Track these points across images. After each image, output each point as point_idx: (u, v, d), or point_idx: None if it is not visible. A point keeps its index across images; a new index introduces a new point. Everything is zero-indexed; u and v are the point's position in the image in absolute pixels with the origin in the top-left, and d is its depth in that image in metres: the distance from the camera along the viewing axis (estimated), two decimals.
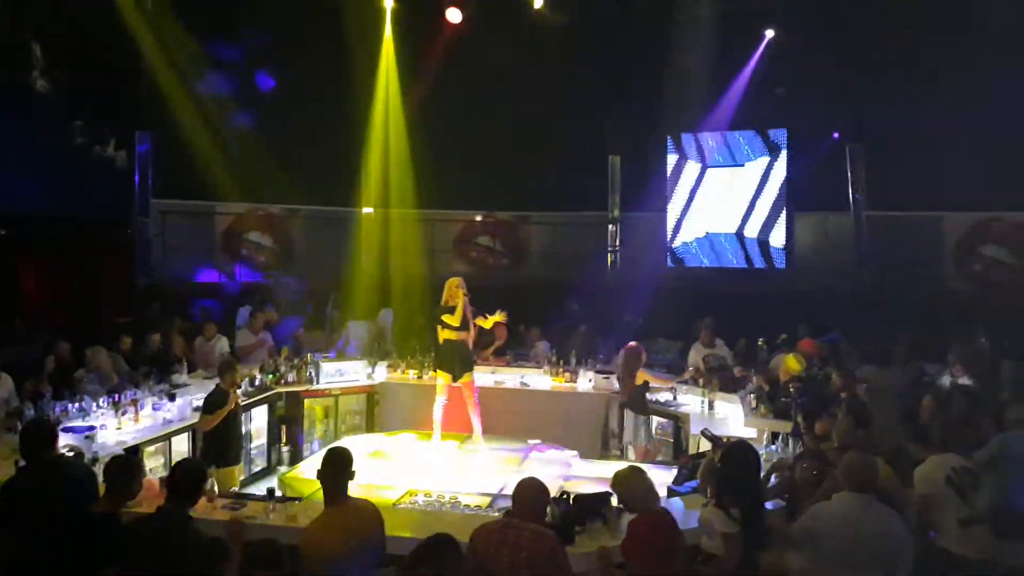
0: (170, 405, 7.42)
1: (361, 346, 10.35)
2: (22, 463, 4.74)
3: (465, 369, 8.05)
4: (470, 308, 8.06)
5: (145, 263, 12.91)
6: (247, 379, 8.24)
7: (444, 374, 8.04)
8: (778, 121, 13.53)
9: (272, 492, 5.39)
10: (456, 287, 7.96)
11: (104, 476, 4.28)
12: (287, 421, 8.91)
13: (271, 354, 9.54)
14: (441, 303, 8.05)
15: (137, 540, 3.77)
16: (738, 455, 4.45)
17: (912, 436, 5.75)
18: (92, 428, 6.42)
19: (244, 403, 7.55)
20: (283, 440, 8.89)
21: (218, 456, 6.53)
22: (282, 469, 8.28)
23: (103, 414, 6.87)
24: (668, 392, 8.55)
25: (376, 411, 9.42)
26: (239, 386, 6.99)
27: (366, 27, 13.00)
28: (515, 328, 10.39)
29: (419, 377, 9.45)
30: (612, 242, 14.90)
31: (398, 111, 13.59)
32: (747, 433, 6.99)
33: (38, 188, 10.78)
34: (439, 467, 7.28)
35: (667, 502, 5.29)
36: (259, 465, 8.47)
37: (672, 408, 8.27)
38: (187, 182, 12.60)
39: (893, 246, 12.85)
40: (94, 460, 5.54)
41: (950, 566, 4.68)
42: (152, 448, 6.80)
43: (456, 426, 8.30)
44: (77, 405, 6.82)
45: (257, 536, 3.99)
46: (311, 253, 14.04)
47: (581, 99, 13.43)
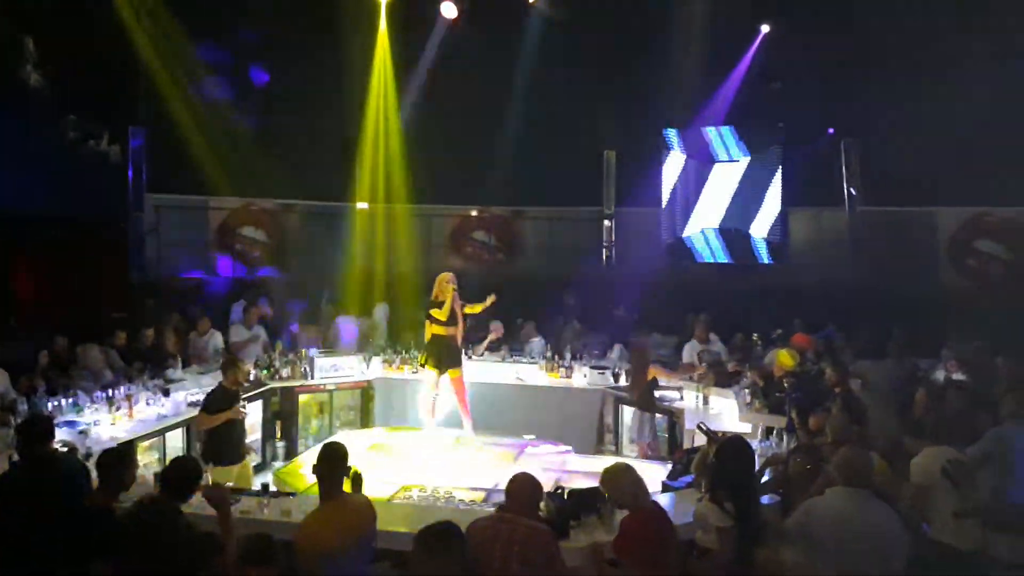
0: (164, 400, 7.42)
1: (352, 341, 10.34)
2: (16, 458, 4.74)
3: (453, 363, 8.07)
4: (459, 303, 8.06)
5: (139, 258, 12.86)
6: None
7: (432, 367, 8.05)
8: (773, 116, 13.56)
9: (266, 487, 5.40)
10: (446, 282, 7.96)
11: (97, 469, 4.29)
12: (281, 416, 8.90)
13: (265, 349, 9.55)
14: (431, 298, 8.07)
15: (128, 534, 3.76)
16: (733, 450, 4.45)
17: (907, 430, 5.76)
18: (85, 424, 6.41)
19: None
20: (277, 435, 8.89)
21: (216, 455, 6.43)
22: (277, 464, 8.27)
23: (97, 409, 6.87)
24: (676, 391, 8.31)
25: (370, 406, 9.41)
26: (243, 384, 6.90)
27: (361, 21, 12.96)
28: (511, 323, 10.38)
29: (414, 372, 9.44)
30: (607, 237, 14.90)
31: (393, 105, 13.56)
32: (742, 428, 7.01)
33: (31, 183, 10.70)
34: (434, 462, 7.27)
35: (661, 497, 5.31)
36: (254, 460, 8.41)
37: (667, 403, 8.27)
38: (181, 177, 12.55)
39: (888, 241, 12.84)
40: (87, 456, 5.53)
41: (943, 558, 4.69)
42: (146, 444, 6.80)
43: (449, 421, 8.31)
44: (71, 400, 6.82)
45: (251, 531, 3.97)
46: (305, 248, 14.00)
47: (576, 94, 13.41)
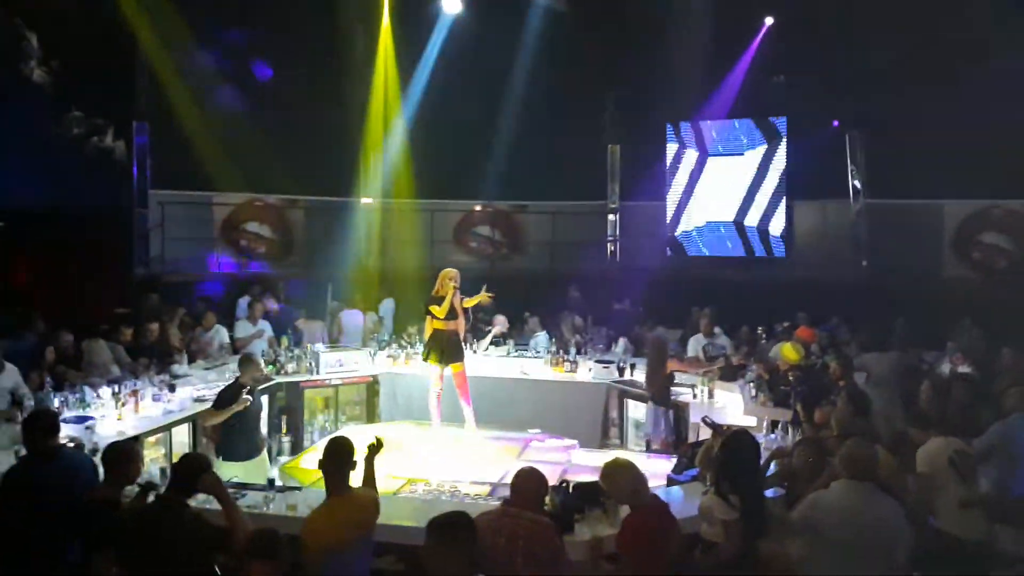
0: (170, 396, 7.43)
1: (355, 335, 10.33)
2: (23, 453, 4.77)
3: (454, 357, 8.08)
4: (459, 298, 8.07)
5: (143, 254, 12.89)
6: None
7: (434, 362, 8.08)
8: (778, 109, 13.53)
9: (272, 482, 5.41)
10: (448, 279, 7.98)
11: (102, 462, 4.33)
12: (287, 411, 8.91)
13: (271, 344, 9.56)
14: (432, 292, 8.09)
15: (133, 528, 3.78)
16: (737, 443, 4.45)
17: (912, 421, 5.76)
18: (92, 419, 6.43)
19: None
20: (283, 430, 8.88)
21: (225, 451, 6.51)
22: (283, 459, 8.27)
23: (103, 405, 6.89)
24: (688, 386, 8.11)
25: (376, 401, 9.43)
26: (260, 381, 6.92)
27: (365, 16, 12.94)
28: (516, 318, 10.39)
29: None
30: (612, 231, 14.89)
31: (397, 100, 13.54)
32: (747, 421, 6.99)
33: (35, 179, 10.72)
34: (439, 456, 7.28)
35: (666, 490, 5.32)
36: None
37: (673, 397, 8.24)
38: (185, 173, 12.56)
39: (893, 234, 12.80)
40: (94, 451, 5.55)
41: (948, 548, 4.69)
42: (153, 439, 6.80)
43: (454, 415, 8.31)
44: (77, 396, 6.84)
45: (257, 526, 3.99)
46: (310, 243, 14.02)
47: (580, 88, 13.39)
